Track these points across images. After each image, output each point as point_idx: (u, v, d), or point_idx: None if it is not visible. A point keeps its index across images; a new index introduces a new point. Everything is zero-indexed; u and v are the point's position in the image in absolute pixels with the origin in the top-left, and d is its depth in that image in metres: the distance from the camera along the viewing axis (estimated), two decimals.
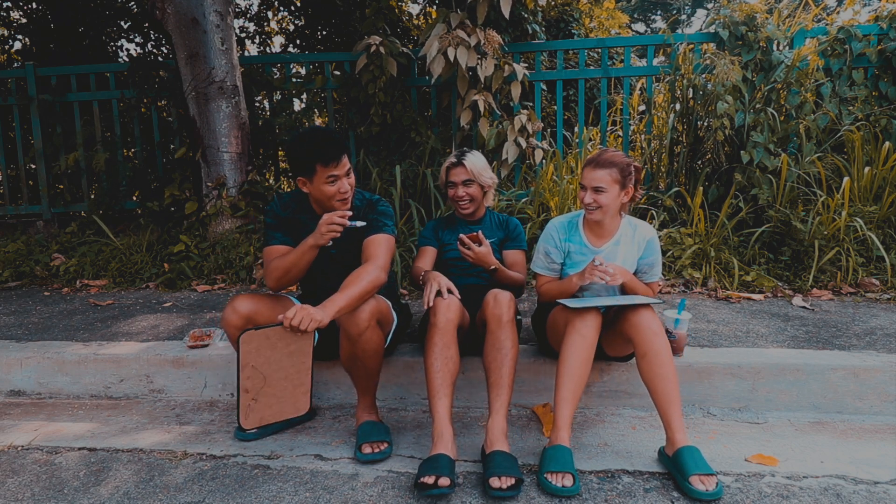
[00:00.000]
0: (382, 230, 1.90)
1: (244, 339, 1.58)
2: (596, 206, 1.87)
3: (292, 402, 1.70)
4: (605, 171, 1.85)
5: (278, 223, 1.98)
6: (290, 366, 1.66)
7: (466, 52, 3.58)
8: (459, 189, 2.24)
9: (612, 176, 1.85)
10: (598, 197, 1.86)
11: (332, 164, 1.80)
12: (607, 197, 1.86)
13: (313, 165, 1.81)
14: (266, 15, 7.38)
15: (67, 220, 4.51)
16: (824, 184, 3.37)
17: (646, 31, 18.24)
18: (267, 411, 1.66)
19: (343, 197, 1.87)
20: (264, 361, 1.61)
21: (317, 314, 1.58)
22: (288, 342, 1.62)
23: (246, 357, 1.59)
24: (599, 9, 6.52)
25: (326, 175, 1.81)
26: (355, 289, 1.69)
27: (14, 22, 6.61)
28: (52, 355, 2.36)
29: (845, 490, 1.53)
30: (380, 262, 1.81)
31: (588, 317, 1.74)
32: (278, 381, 1.65)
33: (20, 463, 1.80)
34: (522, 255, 2.29)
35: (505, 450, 1.62)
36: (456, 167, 2.24)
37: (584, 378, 1.70)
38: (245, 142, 3.95)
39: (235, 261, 3.65)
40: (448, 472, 1.52)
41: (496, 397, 1.72)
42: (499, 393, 1.72)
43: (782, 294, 2.98)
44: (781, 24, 3.87)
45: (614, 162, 1.86)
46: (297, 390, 1.70)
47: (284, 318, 1.58)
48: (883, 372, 1.99)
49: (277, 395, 1.66)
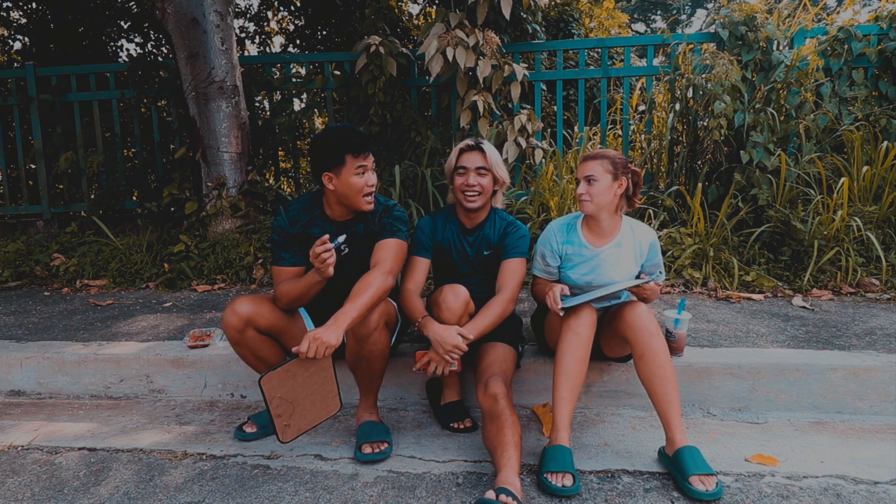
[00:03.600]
0: (395, 235, 1.89)
1: (265, 382, 1.58)
2: (587, 197, 1.88)
3: (324, 407, 1.71)
4: (597, 162, 1.87)
5: (286, 242, 1.94)
6: (314, 383, 1.66)
7: (465, 52, 3.58)
8: (471, 176, 1.97)
9: (603, 166, 1.86)
10: (589, 188, 1.87)
11: (361, 154, 1.81)
12: (599, 186, 1.86)
13: (343, 156, 1.80)
14: (266, 15, 7.38)
15: (67, 220, 4.51)
16: (824, 184, 3.37)
17: (646, 31, 18.23)
18: (302, 422, 1.67)
19: (370, 191, 1.86)
20: (288, 391, 1.62)
21: (330, 338, 1.56)
22: (307, 367, 1.62)
23: (270, 394, 1.60)
24: (599, 9, 6.52)
25: (356, 165, 1.81)
26: (365, 297, 1.68)
27: (14, 22, 6.61)
28: (52, 355, 2.36)
29: (845, 490, 1.53)
30: (387, 267, 1.80)
31: (583, 315, 1.74)
32: (306, 399, 1.66)
33: (20, 463, 1.80)
34: (516, 263, 2.00)
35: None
36: (471, 151, 2.00)
37: (581, 376, 1.70)
38: (245, 142, 3.95)
39: (235, 261, 3.65)
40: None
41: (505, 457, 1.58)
42: (508, 451, 1.58)
43: (782, 294, 2.98)
44: (781, 24, 3.87)
45: (606, 154, 1.88)
46: (326, 397, 1.70)
47: (300, 352, 1.56)
48: (883, 372, 1.99)
49: (308, 408, 1.67)
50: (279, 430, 1.63)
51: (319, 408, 1.69)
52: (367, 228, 1.96)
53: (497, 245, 2.06)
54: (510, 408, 1.66)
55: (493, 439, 1.61)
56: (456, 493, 1.56)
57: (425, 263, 2.06)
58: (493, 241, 2.06)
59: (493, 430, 1.62)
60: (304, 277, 1.84)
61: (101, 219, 4.19)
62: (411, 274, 2.03)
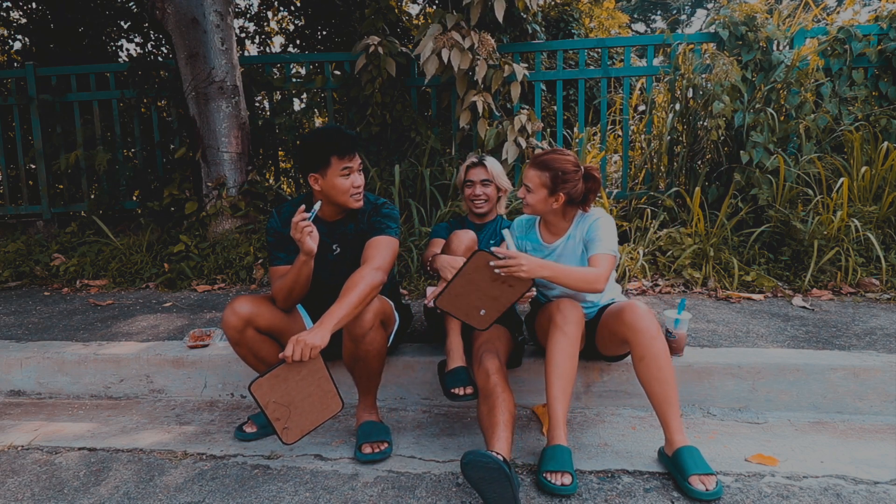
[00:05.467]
0: (385, 232, 1.90)
1: (255, 389, 1.58)
2: (524, 202, 1.90)
3: (324, 407, 1.70)
4: (537, 173, 1.84)
5: (280, 241, 1.96)
6: (308, 385, 1.66)
7: (460, 54, 3.58)
8: (477, 188, 2.35)
9: (540, 179, 1.83)
10: (526, 195, 1.88)
11: (347, 155, 1.82)
12: (533, 198, 1.87)
13: (328, 157, 1.81)
14: (266, 15, 7.38)
15: (67, 220, 4.51)
16: (824, 184, 3.37)
17: (646, 31, 18.24)
18: (304, 423, 1.67)
19: (356, 192, 1.87)
20: (282, 394, 1.62)
21: (314, 339, 1.56)
22: (297, 370, 1.62)
23: (264, 399, 1.60)
24: (599, 9, 6.52)
25: (341, 167, 1.82)
26: (353, 296, 1.67)
27: (14, 22, 6.61)
28: (52, 355, 2.36)
29: (845, 490, 1.53)
30: (376, 264, 1.79)
31: (569, 314, 1.74)
32: (302, 401, 1.66)
33: (20, 463, 1.80)
34: None
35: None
36: (476, 167, 2.37)
37: (572, 374, 1.70)
38: (245, 142, 3.95)
39: (235, 261, 3.65)
40: None
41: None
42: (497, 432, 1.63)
43: (782, 294, 2.98)
44: (781, 24, 3.86)
45: (549, 166, 1.82)
46: (324, 397, 1.70)
47: (285, 357, 1.56)
48: (883, 372, 1.99)
49: (307, 409, 1.67)
50: (280, 433, 1.64)
51: (319, 408, 1.70)
52: (358, 228, 1.96)
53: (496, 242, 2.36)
54: (503, 384, 1.70)
55: (484, 420, 1.65)
56: (456, 493, 1.57)
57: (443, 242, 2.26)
58: (500, 235, 2.37)
59: (485, 411, 1.66)
60: (294, 263, 1.85)
61: (102, 219, 4.19)
62: (431, 247, 2.27)
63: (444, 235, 2.33)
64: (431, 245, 2.31)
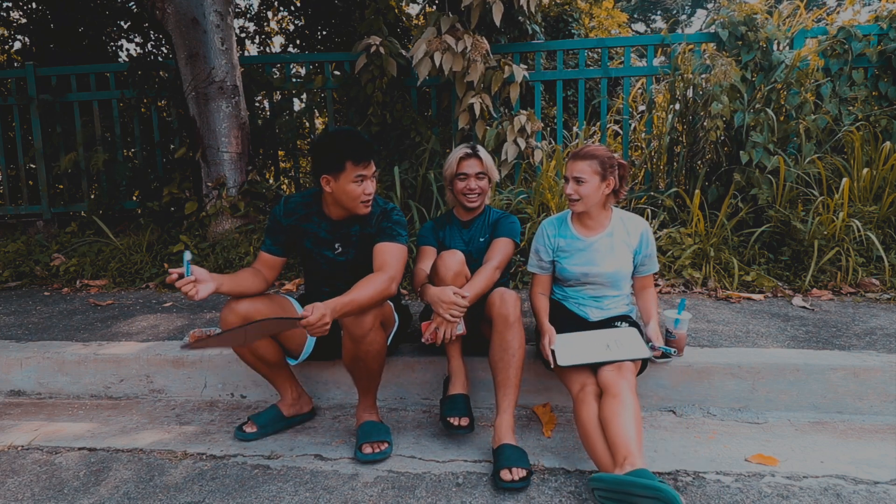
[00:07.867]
0: (396, 239, 1.89)
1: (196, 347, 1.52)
2: (577, 196, 1.91)
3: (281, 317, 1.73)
4: (586, 163, 1.89)
5: (273, 229, 1.99)
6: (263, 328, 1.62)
7: (452, 57, 3.59)
8: (472, 181, 2.17)
9: (591, 167, 1.89)
10: (578, 188, 1.90)
11: (362, 162, 1.81)
12: (588, 187, 1.89)
13: (343, 162, 1.79)
14: (266, 15, 7.39)
15: (67, 220, 4.51)
16: (824, 184, 3.37)
17: (646, 31, 18.23)
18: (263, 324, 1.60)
19: (367, 199, 1.86)
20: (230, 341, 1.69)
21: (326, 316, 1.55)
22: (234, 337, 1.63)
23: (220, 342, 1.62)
24: (599, 8, 6.53)
25: (355, 174, 1.81)
26: (363, 293, 1.67)
27: (14, 22, 6.61)
28: (52, 355, 2.36)
29: (845, 490, 1.53)
30: (392, 273, 1.79)
31: (586, 388, 1.71)
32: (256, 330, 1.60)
33: (20, 463, 1.80)
34: (503, 243, 2.13)
35: (514, 443, 1.66)
36: (470, 158, 2.18)
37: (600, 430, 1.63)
38: (245, 142, 3.95)
39: (235, 261, 3.65)
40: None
41: (504, 397, 1.75)
42: (506, 392, 1.76)
43: (782, 294, 2.98)
44: (781, 24, 3.87)
45: (595, 154, 1.89)
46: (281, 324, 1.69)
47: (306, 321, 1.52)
48: (883, 372, 1.99)
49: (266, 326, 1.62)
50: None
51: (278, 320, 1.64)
52: (364, 230, 1.96)
53: (491, 232, 2.24)
54: (519, 323, 1.80)
55: (496, 363, 1.79)
56: (456, 493, 1.56)
57: (433, 252, 2.23)
58: (488, 229, 2.26)
59: (499, 352, 1.79)
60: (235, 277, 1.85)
61: (101, 219, 4.19)
62: (422, 259, 2.19)
63: (431, 239, 2.27)
64: (421, 256, 2.21)
